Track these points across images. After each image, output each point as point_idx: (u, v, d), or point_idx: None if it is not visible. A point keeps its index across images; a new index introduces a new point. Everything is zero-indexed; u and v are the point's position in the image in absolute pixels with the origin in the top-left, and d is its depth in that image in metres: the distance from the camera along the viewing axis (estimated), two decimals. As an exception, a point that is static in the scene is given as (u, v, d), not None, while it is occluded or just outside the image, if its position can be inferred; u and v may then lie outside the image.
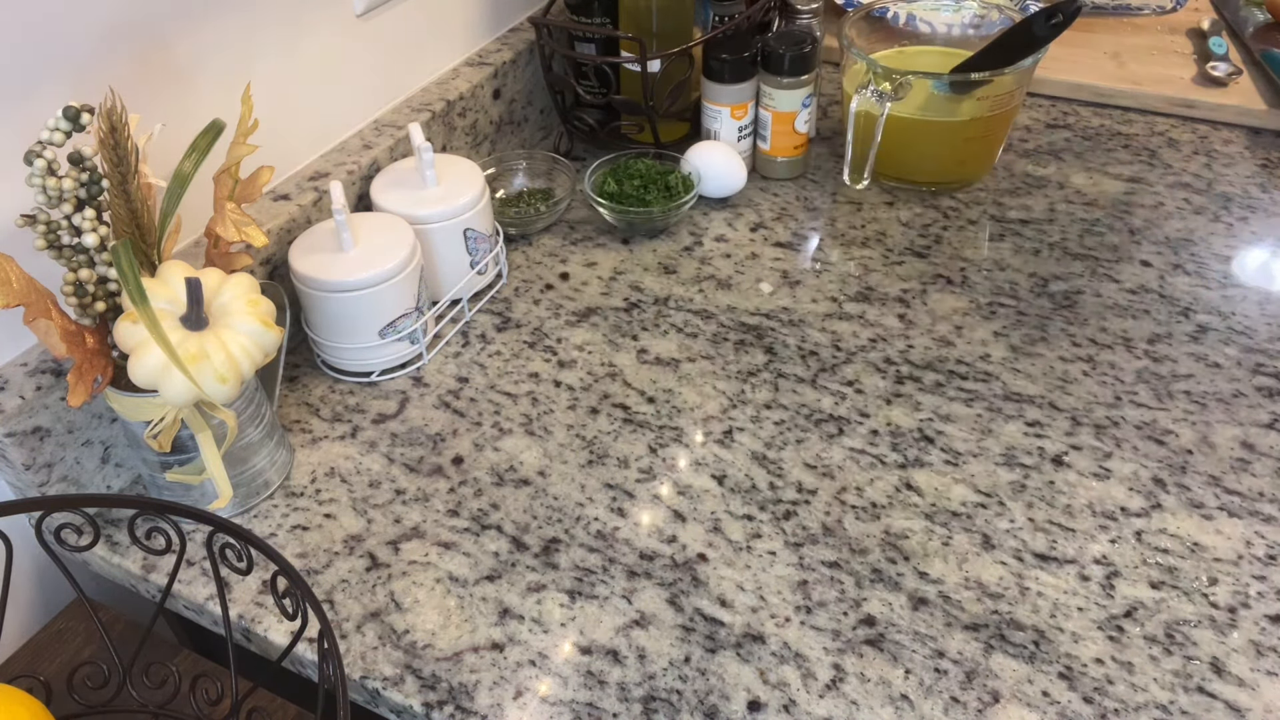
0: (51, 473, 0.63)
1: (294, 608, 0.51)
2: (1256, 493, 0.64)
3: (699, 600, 0.60)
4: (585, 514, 0.65)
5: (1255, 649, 0.56)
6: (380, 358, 0.75)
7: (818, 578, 0.60)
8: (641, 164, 0.90)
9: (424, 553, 0.63)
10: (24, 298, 0.53)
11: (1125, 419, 0.69)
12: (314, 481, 0.68)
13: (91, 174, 0.54)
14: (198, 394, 0.55)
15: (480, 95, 0.91)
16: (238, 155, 0.60)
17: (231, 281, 0.59)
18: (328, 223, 0.74)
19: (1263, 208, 0.87)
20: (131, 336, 0.54)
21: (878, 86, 0.82)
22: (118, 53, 0.62)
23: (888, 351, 0.75)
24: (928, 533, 0.62)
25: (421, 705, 0.55)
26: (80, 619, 0.64)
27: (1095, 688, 0.54)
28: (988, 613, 0.58)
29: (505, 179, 0.92)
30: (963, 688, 0.55)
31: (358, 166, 0.79)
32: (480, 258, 0.80)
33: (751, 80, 0.89)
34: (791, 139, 0.92)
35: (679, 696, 0.55)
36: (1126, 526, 0.62)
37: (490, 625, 0.59)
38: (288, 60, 0.74)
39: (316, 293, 0.70)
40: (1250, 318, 0.76)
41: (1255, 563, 0.60)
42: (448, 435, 0.71)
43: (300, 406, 0.74)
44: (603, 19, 0.92)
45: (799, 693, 0.55)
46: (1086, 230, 0.86)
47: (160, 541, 0.55)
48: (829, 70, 1.07)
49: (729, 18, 0.92)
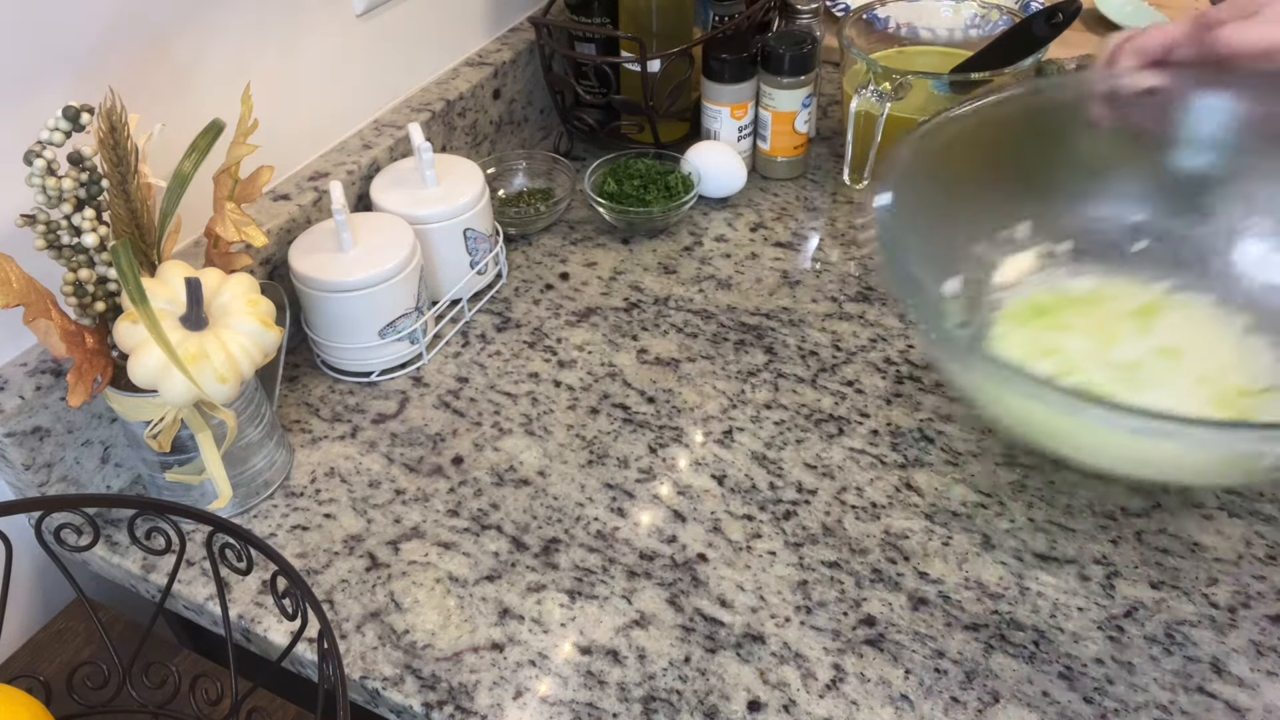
0: (51, 473, 0.63)
1: (294, 608, 0.51)
2: (1256, 493, 0.64)
3: (699, 600, 0.59)
4: (585, 514, 0.65)
5: (1255, 649, 0.56)
6: (380, 358, 0.75)
7: (818, 578, 0.60)
8: (641, 164, 0.90)
9: (424, 553, 0.63)
10: (24, 298, 0.53)
11: (1125, 419, 0.69)
12: (314, 481, 0.68)
13: (91, 174, 0.54)
14: (198, 394, 0.55)
15: (480, 95, 0.91)
16: (238, 155, 0.60)
17: (231, 281, 0.59)
18: (328, 223, 0.74)
19: (1263, 208, 0.87)
20: (131, 336, 0.54)
21: (878, 86, 0.82)
22: (118, 53, 0.62)
23: (888, 351, 0.75)
24: (928, 533, 0.62)
25: (421, 705, 0.55)
26: (80, 619, 0.64)
27: (1095, 688, 0.54)
28: (988, 613, 0.58)
29: (505, 179, 0.92)
30: (963, 688, 0.55)
31: (358, 166, 0.79)
32: (480, 258, 0.80)
33: (751, 80, 0.89)
34: (791, 139, 0.92)
35: (679, 696, 0.55)
36: (1126, 526, 0.62)
37: (490, 625, 0.59)
38: (288, 60, 0.74)
39: (316, 293, 0.70)
40: (1250, 318, 0.76)
41: (1255, 563, 0.60)
42: (448, 435, 0.71)
43: (300, 406, 0.74)
44: (603, 19, 0.92)
45: (799, 693, 0.55)
46: (1086, 230, 0.86)
47: (160, 541, 0.55)
48: (829, 70, 1.06)
49: (729, 18, 0.92)
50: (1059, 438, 0.56)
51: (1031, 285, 0.68)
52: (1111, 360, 0.62)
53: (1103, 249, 0.68)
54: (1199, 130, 0.63)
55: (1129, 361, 0.62)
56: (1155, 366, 0.62)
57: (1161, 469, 0.56)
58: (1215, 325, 0.64)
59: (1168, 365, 0.62)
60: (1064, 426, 0.53)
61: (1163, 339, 0.63)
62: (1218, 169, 0.65)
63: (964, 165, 0.65)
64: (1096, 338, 0.64)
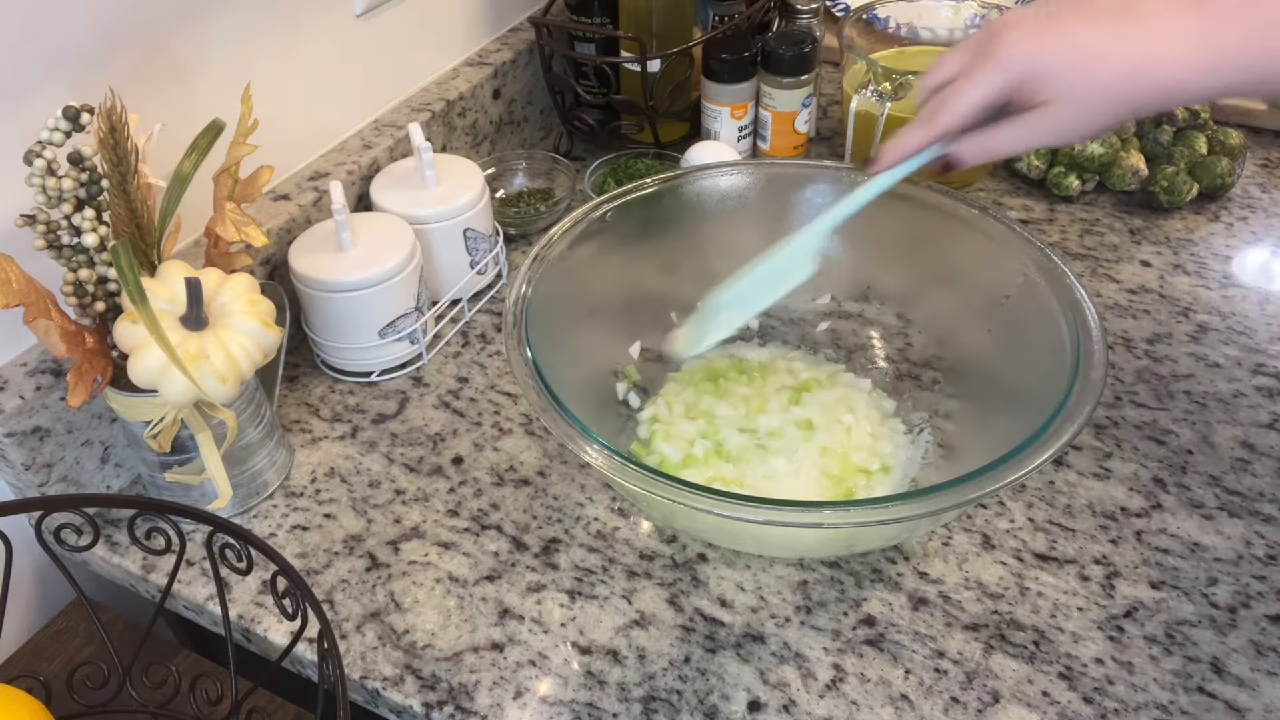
0: (51, 473, 0.63)
1: (294, 608, 0.51)
2: (1256, 493, 0.64)
3: (699, 600, 0.59)
4: (585, 514, 0.65)
5: (1255, 649, 0.56)
6: (380, 358, 0.75)
7: (818, 578, 0.60)
8: (641, 164, 0.89)
9: (424, 553, 0.63)
10: (24, 298, 0.53)
11: (1125, 419, 0.69)
12: (314, 481, 0.68)
13: (91, 174, 0.54)
14: (197, 394, 0.55)
15: (480, 95, 0.91)
16: (238, 155, 0.60)
17: (231, 281, 0.59)
18: (328, 223, 0.73)
19: (1263, 208, 0.87)
20: (131, 336, 0.54)
21: (878, 86, 0.82)
22: (118, 53, 0.62)
23: (887, 350, 0.75)
24: (928, 533, 0.62)
25: (421, 705, 0.55)
26: (80, 619, 0.64)
27: (1095, 688, 0.54)
28: (988, 613, 0.58)
29: (505, 179, 0.92)
30: (963, 688, 0.55)
31: (358, 166, 0.79)
32: (480, 258, 0.80)
33: (751, 80, 0.89)
34: (791, 139, 0.92)
35: (679, 696, 0.55)
36: (1126, 526, 0.62)
37: (490, 625, 0.59)
38: (288, 60, 0.74)
39: (316, 293, 0.70)
40: (1250, 318, 0.76)
41: (1255, 563, 0.60)
42: (448, 435, 0.71)
43: (300, 406, 0.74)
44: (603, 19, 0.92)
45: (799, 693, 0.55)
46: (1086, 230, 0.86)
47: (160, 541, 0.55)
48: (829, 70, 1.06)
49: (729, 18, 0.92)
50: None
51: (714, 351, 0.74)
52: (753, 427, 0.67)
53: (788, 327, 0.76)
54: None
55: (769, 429, 0.67)
56: (790, 436, 0.66)
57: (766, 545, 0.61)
58: (864, 407, 0.69)
59: (801, 435, 0.66)
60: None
61: (807, 412, 0.68)
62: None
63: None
64: (749, 405, 0.69)
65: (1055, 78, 0.48)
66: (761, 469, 0.64)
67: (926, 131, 0.53)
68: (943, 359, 0.69)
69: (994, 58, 0.50)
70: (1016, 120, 0.51)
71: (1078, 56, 0.48)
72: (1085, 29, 0.48)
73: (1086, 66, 0.48)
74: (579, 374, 0.65)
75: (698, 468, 0.65)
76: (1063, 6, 0.49)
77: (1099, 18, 0.48)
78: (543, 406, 0.54)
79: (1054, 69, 0.48)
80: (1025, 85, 0.49)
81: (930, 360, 0.71)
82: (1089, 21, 0.48)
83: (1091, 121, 0.49)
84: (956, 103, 0.51)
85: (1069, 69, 0.48)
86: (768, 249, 0.59)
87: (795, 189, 0.72)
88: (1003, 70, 0.50)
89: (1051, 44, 0.49)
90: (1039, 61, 0.49)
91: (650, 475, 0.51)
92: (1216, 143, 0.89)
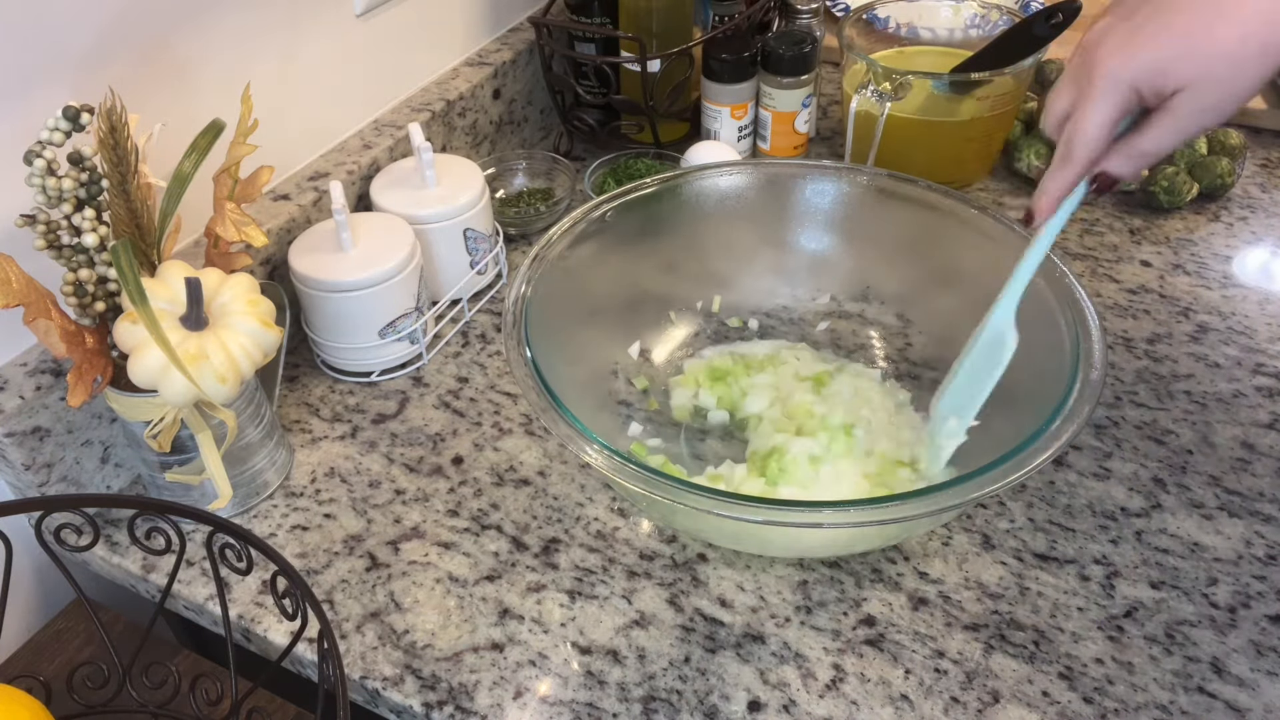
0: (51, 473, 0.63)
1: (294, 608, 0.51)
2: (1256, 493, 0.64)
3: (699, 600, 0.59)
4: (585, 514, 0.65)
5: (1255, 649, 0.56)
6: (380, 358, 0.75)
7: (818, 578, 0.60)
8: (641, 164, 0.89)
9: (424, 553, 0.63)
10: (24, 298, 0.53)
11: (1125, 419, 0.69)
12: (314, 481, 0.68)
13: (91, 174, 0.54)
14: (197, 394, 0.55)
15: (480, 95, 0.91)
16: (237, 155, 0.60)
17: (231, 281, 0.59)
18: (328, 223, 0.73)
19: (1263, 208, 0.87)
20: (131, 336, 0.54)
21: (878, 86, 0.82)
22: (118, 53, 0.62)
23: (887, 350, 0.75)
24: (927, 532, 0.62)
25: (421, 705, 0.55)
26: (80, 619, 0.64)
27: (1095, 688, 0.54)
28: (988, 613, 0.58)
29: (505, 179, 0.92)
30: (963, 688, 0.55)
31: (358, 166, 0.79)
32: (480, 258, 0.80)
33: (751, 80, 0.89)
34: (791, 139, 0.92)
35: (679, 696, 0.55)
36: (1126, 526, 0.62)
37: (490, 625, 0.59)
38: (288, 60, 0.74)
39: (316, 293, 0.70)
40: (1250, 318, 0.76)
41: (1255, 563, 0.60)
42: (448, 435, 0.71)
43: (300, 406, 0.74)
44: (603, 19, 0.92)
45: (799, 693, 0.55)
46: (1086, 230, 0.86)
47: (160, 541, 0.55)
48: (829, 70, 1.06)
49: (729, 18, 0.92)
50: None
51: (710, 352, 0.74)
52: (787, 447, 0.64)
53: (788, 327, 0.76)
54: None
55: (810, 454, 0.64)
56: (835, 446, 0.64)
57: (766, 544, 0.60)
58: (879, 398, 0.69)
59: (844, 443, 0.64)
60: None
61: (842, 415, 0.66)
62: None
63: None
64: (777, 389, 0.69)
65: (1170, 68, 0.48)
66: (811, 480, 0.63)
67: (1069, 168, 0.53)
68: (943, 359, 0.69)
69: (1097, 77, 0.50)
70: (1156, 119, 0.50)
71: (1179, 41, 0.48)
72: (1171, 16, 0.48)
73: (1193, 49, 0.48)
74: (579, 374, 0.66)
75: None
76: (1135, 6, 0.50)
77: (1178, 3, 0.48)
78: (543, 406, 0.54)
79: (1162, 60, 0.48)
80: (1143, 87, 0.49)
81: (930, 360, 0.71)
82: (1171, 10, 0.48)
83: (1228, 90, 0.48)
84: (1083, 132, 0.51)
85: (1178, 58, 0.48)
86: (965, 344, 0.59)
87: (795, 189, 0.72)
88: (1110, 85, 0.50)
89: (1149, 43, 0.48)
90: (1143, 62, 0.49)
91: (650, 475, 0.51)
92: (1216, 143, 0.89)
